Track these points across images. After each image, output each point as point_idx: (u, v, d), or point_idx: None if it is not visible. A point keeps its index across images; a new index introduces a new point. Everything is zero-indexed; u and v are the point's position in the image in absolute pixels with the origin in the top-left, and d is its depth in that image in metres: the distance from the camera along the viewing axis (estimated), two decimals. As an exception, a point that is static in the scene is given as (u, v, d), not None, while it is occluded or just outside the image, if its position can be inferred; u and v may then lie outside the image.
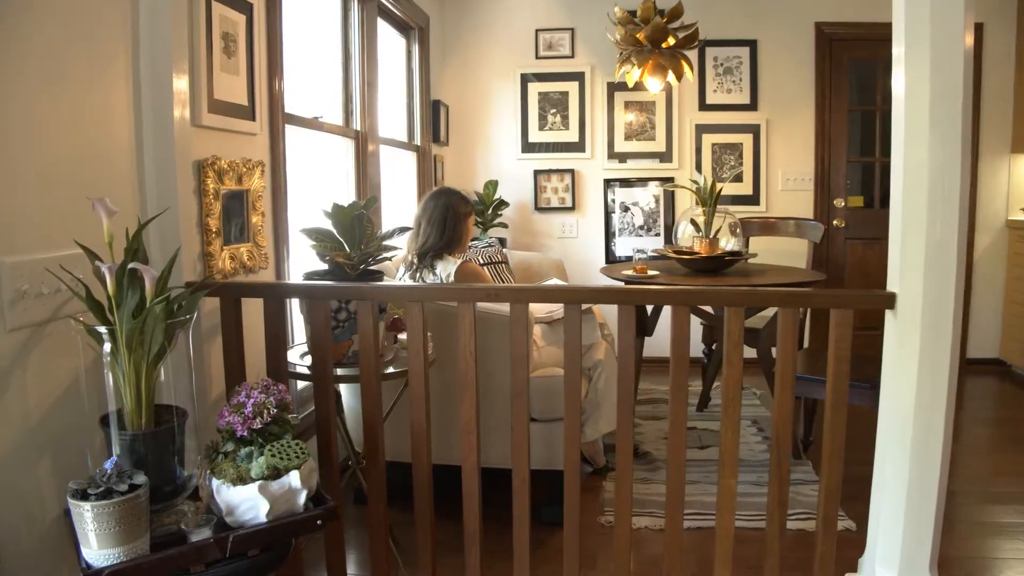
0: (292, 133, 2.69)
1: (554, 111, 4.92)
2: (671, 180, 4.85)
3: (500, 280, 3.70)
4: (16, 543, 1.42)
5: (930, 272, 1.76)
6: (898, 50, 1.80)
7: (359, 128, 3.42)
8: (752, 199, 4.84)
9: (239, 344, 2.00)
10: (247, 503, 1.41)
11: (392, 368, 2.15)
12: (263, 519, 1.41)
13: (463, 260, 2.84)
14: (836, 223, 4.87)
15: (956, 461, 2.80)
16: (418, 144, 4.39)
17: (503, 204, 4.68)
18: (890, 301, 1.83)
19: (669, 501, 1.91)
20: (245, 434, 1.48)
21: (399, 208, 4.11)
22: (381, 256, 2.16)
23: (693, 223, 3.48)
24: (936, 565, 1.84)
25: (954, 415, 1.81)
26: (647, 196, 4.92)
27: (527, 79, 4.91)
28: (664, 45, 3.62)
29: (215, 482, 1.44)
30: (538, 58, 4.90)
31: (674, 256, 3.43)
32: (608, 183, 4.93)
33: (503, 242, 4.54)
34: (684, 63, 3.72)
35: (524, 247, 4.90)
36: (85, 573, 1.26)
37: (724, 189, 3.60)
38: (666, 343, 1.89)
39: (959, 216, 1.75)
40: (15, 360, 1.42)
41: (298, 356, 2.23)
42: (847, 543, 2.13)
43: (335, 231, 2.12)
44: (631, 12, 3.71)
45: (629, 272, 3.37)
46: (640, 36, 3.59)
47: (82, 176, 1.61)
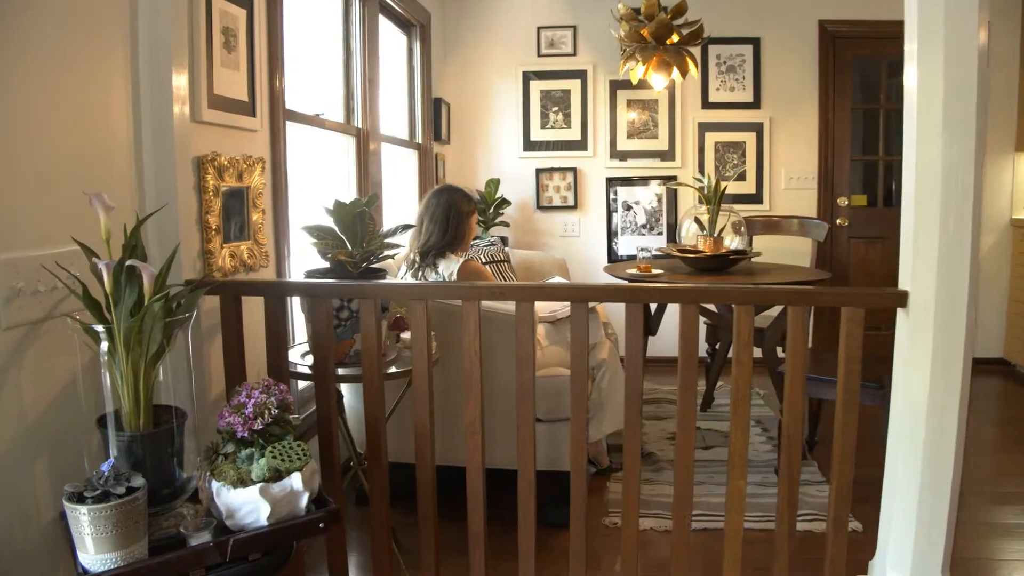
0: (293, 130, 2.67)
1: (556, 109, 4.89)
2: (673, 179, 4.82)
3: (502, 279, 3.67)
4: (10, 547, 1.39)
5: (943, 270, 1.74)
6: (910, 46, 1.77)
7: (360, 125, 3.39)
8: (755, 198, 4.81)
9: (239, 343, 1.97)
10: (248, 506, 1.39)
11: (394, 368, 2.12)
12: (264, 522, 1.39)
13: (466, 258, 2.81)
14: (839, 222, 4.85)
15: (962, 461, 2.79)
16: (419, 142, 4.37)
17: (505, 203, 4.66)
18: (902, 299, 1.80)
19: (677, 502, 1.88)
20: (246, 435, 1.46)
21: (400, 207, 4.08)
22: (383, 254, 2.14)
23: (697, 221, 3.46)
24: (949, 568, 1.82)
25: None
26: (649, 195, 4.90)
27: (529, 77, 4.88)
28: (668, 42, 3.59)
29: (215, 484, 1.41)
30: (540, 56, 4.87)
31: (678, 255, 3.40)
32: (610, 182, 4.91)
33: (505, 241, 4.51)
34: (688, 59, 3.70)
35: (526, 246, 4.88)
36: (81, 578, 1.23)
37: (727, 188, 3.58)
38: (668, 342, 1.87)
39: (973, 214, 1.72)
40: (10, 359, 1.40)
41: (299, 355, 2.21)
42: (854, 545, 2.10)
43: (337, 228, 2.09)
44: (635, 10, 3.69)
45: (633, 271, 3.35)
46: (644, 32, 3.57)
47: (79, 172, 1.58)
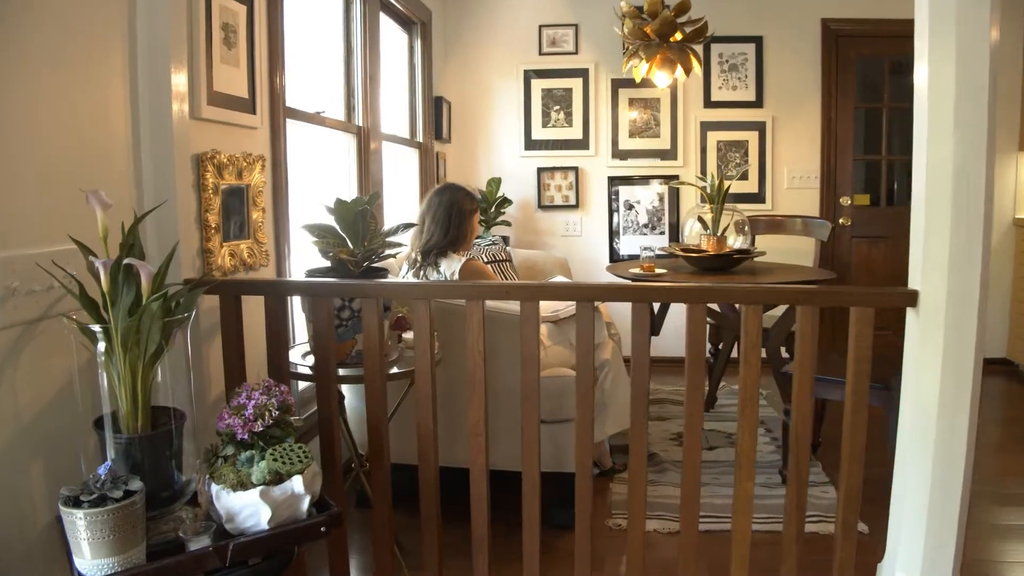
0: (293, 127, 2.64)
1: (557, 108, 4.87)
2: (675, 178, 4.80)
3: (504, 279, 3.65)
4: (5, 551, 1.37)
5: (954, 269, 1.71)
6: (921, 44, 1.74)
7: (361, 124, 3.37)
8: (758, 197, 4.79)
9: (239, 343, 1.95)
10: (248, 509, 1.37)
11: (396, 368, 2.10)
12: (264, 526, 1.37)
13: (467, 258, 2.79)
14: (842, 221, 4.83)
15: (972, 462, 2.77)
16: (420, 141, 4.34)
17: (506, 202, 4.64)
18: (912, 299, 1.77)
19: (684, 503, 1.85)
20: (246, 437, 1.44)
21: (400, 206, 4.06)
22: (385, 253, 2.11)
23: (701, 221, 3.44)
24: (960, 571, 1.79)
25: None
26: (651, 194, 4.87)
27: (530, 75, 4.86)
28: (672, 39, 3.57)
29: (214, 487, 1.39)
30: (541, 54, 4.85)
31: (682, 254, 3.38)
32: (612, 181, 4.88)
33: (506, 240, 4.49)
34: (692, 57, 3.67)
35: (528, 245, 4.86)
36: (78, 583, 1.21)
37: (730, 187, 3.55)
38: (670, 342, 1.85)
39: (984, 213, 1.70)
40: (5, 360, 1.37)
41: (300, 356, 2.18)
42: (860, 547, 2.07)
43: (338, 227, 2.07)
44: (638, 7, 3.67)
45: (636, 270, 3.33)
46: (648, 30, 3.54)
47: (77, 169, 1.56)
